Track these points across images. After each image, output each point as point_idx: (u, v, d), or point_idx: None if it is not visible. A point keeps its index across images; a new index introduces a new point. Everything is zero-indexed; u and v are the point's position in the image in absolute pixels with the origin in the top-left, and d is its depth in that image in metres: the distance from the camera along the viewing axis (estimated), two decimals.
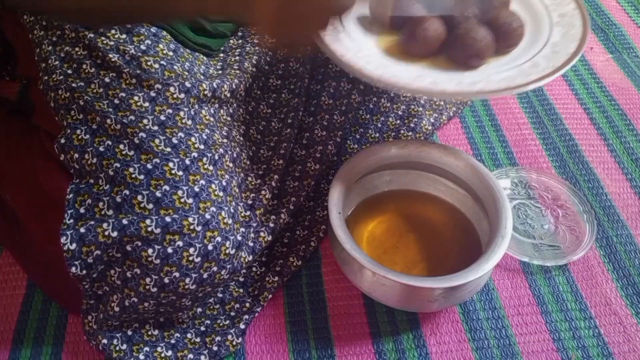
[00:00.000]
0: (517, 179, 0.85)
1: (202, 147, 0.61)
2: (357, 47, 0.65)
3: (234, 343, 0.67)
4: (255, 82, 0.78)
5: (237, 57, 0.76)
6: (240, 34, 0.81)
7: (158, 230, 0.56)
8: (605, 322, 0.71)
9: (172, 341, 0.65)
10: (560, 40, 0.66)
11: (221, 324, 0.68)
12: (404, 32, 0.66)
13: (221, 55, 0.77)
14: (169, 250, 0.56)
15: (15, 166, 0.68)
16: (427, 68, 0.65)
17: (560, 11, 0.69)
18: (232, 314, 0.69)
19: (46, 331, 0.70)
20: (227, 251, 0.59)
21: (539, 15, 0.70)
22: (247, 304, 0.70)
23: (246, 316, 0.69)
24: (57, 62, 0.63)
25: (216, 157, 0.63)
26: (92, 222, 0.56)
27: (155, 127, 0.60)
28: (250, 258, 0.66)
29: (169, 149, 0.59)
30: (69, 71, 0.62)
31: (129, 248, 0.57)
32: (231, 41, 0.79)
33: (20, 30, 0.71)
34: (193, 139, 0.61)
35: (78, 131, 0.60)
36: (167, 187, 0.58)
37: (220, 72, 0.73)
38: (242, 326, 0.68)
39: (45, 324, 0.70)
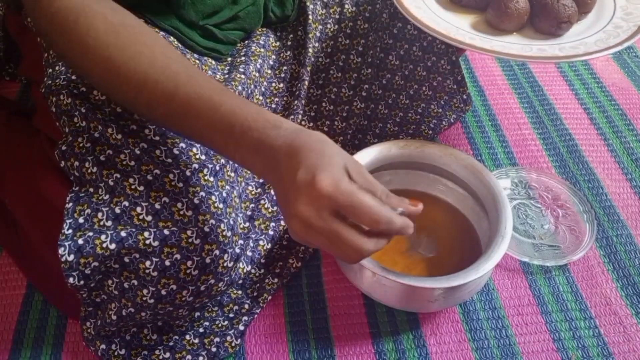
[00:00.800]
0: (517, 179, 0.85)
1: (203, 157, 0.61)
2: (454, 27, 0.72)
3: (233, 344, 0.67)
4: (257, 88, 0.78)
5: (243, 58, 0.76)
6: (251, 31, 0.81)
7: (156, 243, 0.56)
8: (605, 322, 0.71)
9: (171, 343, 0.65)
10: (627, 3, 0.72)
11: (220, 325, 0.68)
12: (494, 9, 0.71)
13: (229, 59, 0.76)
14: (167, 262, 0.56)
15: (15, 170, 0.68)
16: (522, 39, 0.71)
17: None
18: (231, 315, 0.69)
19: (46, 331, 0.70)
20: (225, 264, 0.59)
21: None
22: (246, 306, 0.70)
23: (245, 317, 0.68)
24: (63, 68, 0.63)
25: (217, 168, 0.62)
26: (91, 234, 0.56)
27: (157, 138, 0.59)
28: (249, 268, 0.66)
29: (169, 160, 0.59)
30: (73, 77, 0.62)
31: (126, 260, 0.56)
32: (238, 44, 0.79)
33: (25, 31, 0.71)
34: (194, 149, 0.61)
35: (80, 139, 0.59)
36: (166, 199, 0.57)
37: (226, 76, 0.72)
38: (241, 327, 0.68)
39: (45, 324, 0.70)
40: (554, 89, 1.02)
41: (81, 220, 0.57)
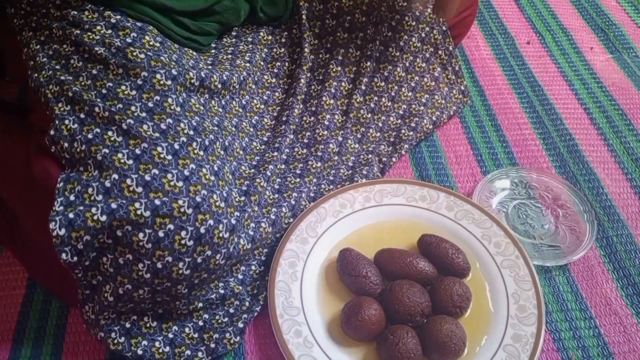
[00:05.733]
0: (517, 178, 0.85)
1: (191, 132, 0.62)
2: None
3: (232, 341, 0.67)
4: (250, 77, 0.78)
5: (230, 55, 0.76)
6: (234, 33, 0.81)
7: (147, 214, 0.56)
8: (606, 322, 0.71)
9: (170, 335, 0.65)
10: None
11: (219, 321, 0.68)
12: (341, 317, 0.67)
13: (213, 51, 0.77)
14: (160, 234, 0.56)
15: (10, 163, 0.68)
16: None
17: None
18: (232, 310, 0.69)
19: (46, 331, 0.70)
20: (220, 234, 0.59)
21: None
22: (247, 303, 0.70)
23: (245, 315, 0.68)
24: (45, 59, 0.64)
25: (206, 143, 0.63)
26: (81, 208, 0.56)
27: (144, 114, 0.60)
28: (249, 246, 0.66)
29: (157, 134, 0.59)
30: (57, 66, 0.63)
31: (119, 233, 0.56)
32: (224, 39, 0.79)
33: (11, 35, 0.72)
34: (182, 124, 0.61)
35: (67, 121, 0.60)
36: (156, 171, 0.58)
37: (210, 66, 0.73)
38: (240, 325, 0.68)
39: (45, 324, 0.70)
40: (554, 89, 1.02)
41: (72, 197, 0.57)
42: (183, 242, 0.56)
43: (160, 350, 0.64)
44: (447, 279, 0.69)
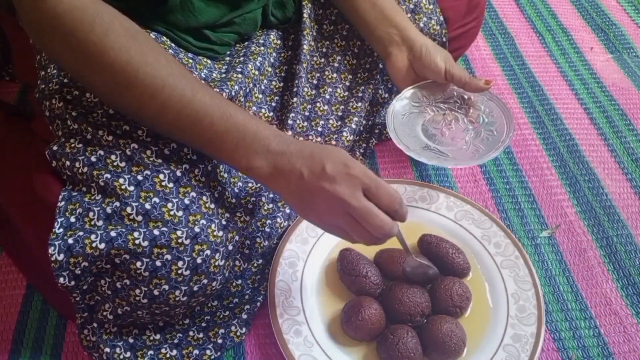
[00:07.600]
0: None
1: (194, 157, 0.61)
2: None
3: (238, 333, 0.66)
4: (257, 86, 0.77)
5: (242, 58, 0.75)
6: (246, 36, 0.81)
7: (146, 243, 0.55)
8: (606, 322, 0.71)
9: (175, 341, 0.65)
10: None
11: (221, 316, 0.67)
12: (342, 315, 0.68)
13: (227, 58, 0.76)
14: (157, 263, 0.56)
15: (10, 170, 0.68)
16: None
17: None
18: (231, 305, 0.68)
19: (46, 331, 0.70)
20: (216, 263, 0.59)
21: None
22: (247, 296, 0.69)
23: (247, 306, 0.68)
24: (55, 71, 0.63)
25: (209, 168, 0.62)
26: (81, 233, 0.56)
27: (149, 139, 0.59)
28: (246, 265, 0.66)
29: (160, 160, 0.59)
30: (65, 80, 0.62)
31: (117, 260, 0.56)
32: (237, 46, 0.79)
33: (19, 33, 0.71)
34: (186, 149, 0.61)
35: (72, 140, 0.59)
36: (156, 199, 0.57)
37: (223, 75, 0.72)
38: (244, 316, 0.67)
39: (45, 324, 0.70)
40: (554, 89, 1.02)
41: (72, 219, 0.57)
42: (180, 271, 0.56)
43: (168, 355, 0.64)
44: (447, 279, 0.69)
